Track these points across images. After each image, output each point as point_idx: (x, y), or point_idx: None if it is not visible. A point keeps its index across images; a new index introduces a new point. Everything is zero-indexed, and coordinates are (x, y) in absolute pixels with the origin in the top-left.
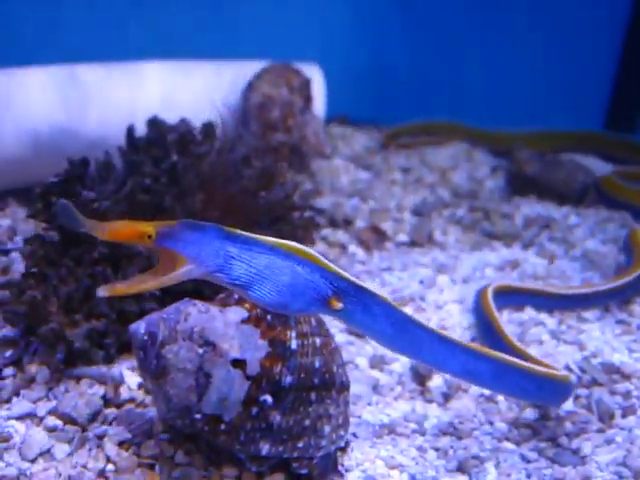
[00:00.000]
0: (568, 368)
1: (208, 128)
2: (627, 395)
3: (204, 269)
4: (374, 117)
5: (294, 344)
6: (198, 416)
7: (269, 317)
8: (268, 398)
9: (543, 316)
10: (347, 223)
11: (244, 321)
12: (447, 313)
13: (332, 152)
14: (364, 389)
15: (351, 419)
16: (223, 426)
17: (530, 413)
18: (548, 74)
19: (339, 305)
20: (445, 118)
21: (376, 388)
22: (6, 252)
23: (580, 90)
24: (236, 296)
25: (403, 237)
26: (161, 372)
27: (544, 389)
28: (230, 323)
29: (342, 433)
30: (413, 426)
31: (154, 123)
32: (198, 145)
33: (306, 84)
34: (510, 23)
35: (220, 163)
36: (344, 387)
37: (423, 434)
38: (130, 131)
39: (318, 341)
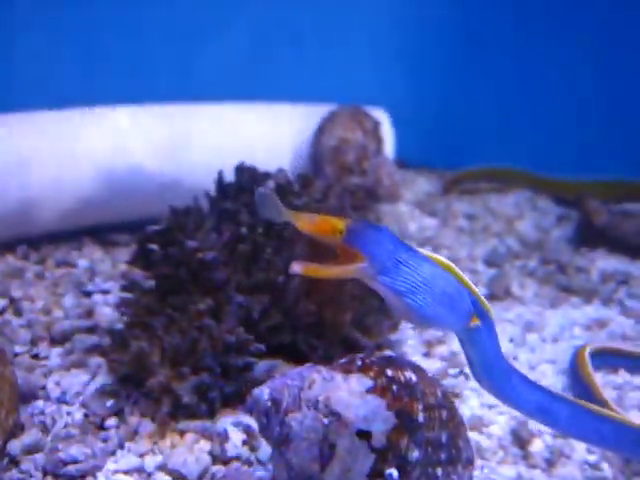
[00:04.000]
0: None
1: (306, 179)
2: None
3: (376, 269)
4: (431, 161)
5: (421, 417)
6: None
7: (395, 388)
8: (394, 472)
9: (638, 379)
10: None
11: (369, 391)
12: (541, 374)
13: (401, 198)
14: None
15: None
16: None
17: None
18: (615, 119)
19: (477, 323)
20: (508, 164)
21: (479, 451)
22: (88, 294)
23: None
24: (359, 362)
25: (482, 290)
26: (284, 440)
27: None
28: (355, 392)
29: None
30: None
31: (242, 169)
32: (297, 196)
33: (377, 127)
34: (569, 66)
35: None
36: (470, 462)
37: None
38: (220, 176)
39: (445, 414)
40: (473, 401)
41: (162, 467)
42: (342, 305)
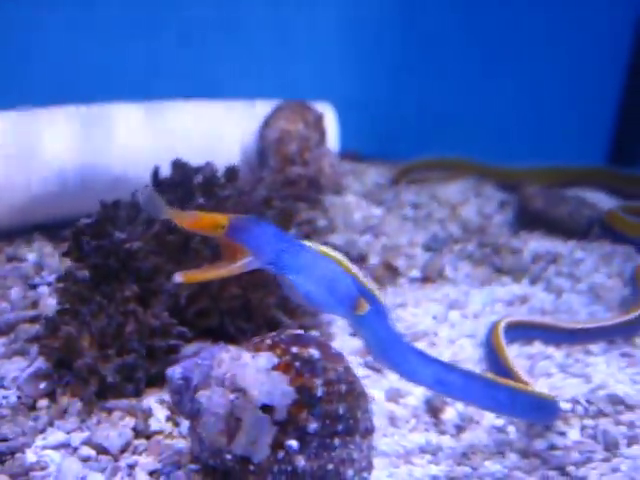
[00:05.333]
0: (575, 400)
1: (231, 171)
2: (631, 425)
3: (261, 261)
4: (384, 153)
5: (320, 391)
6: (229, 457)
7: (297, 364)
8: (294, 443)
9: (551, 350)
10: (361, 259)
11: (274, 368)
12: (459, 347)
13: (344, 188)
14: (381, 421)
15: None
16: (252, 467)
17: (540, 443)
18: (553, 109)
19: (365, 307)
20: (455, 154)
21: (392, 420)
22: (34, 286)
23: (584, 124)
24: (269, 341)
25: (415, 273)
26: (195, 415)
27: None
28: (261, 369)
29: (365, 475)
30: (428, 457)
31: (178, 165)
32: (222, 188)
33: (320, 119)
34: (515, 56)
35: (242, 204)
36: (368, 432)
37: (437, 464)
38: (156, 172)
39: (344, 388)
40: (393, 375)
41: (87, 442)
42: (267, 288)
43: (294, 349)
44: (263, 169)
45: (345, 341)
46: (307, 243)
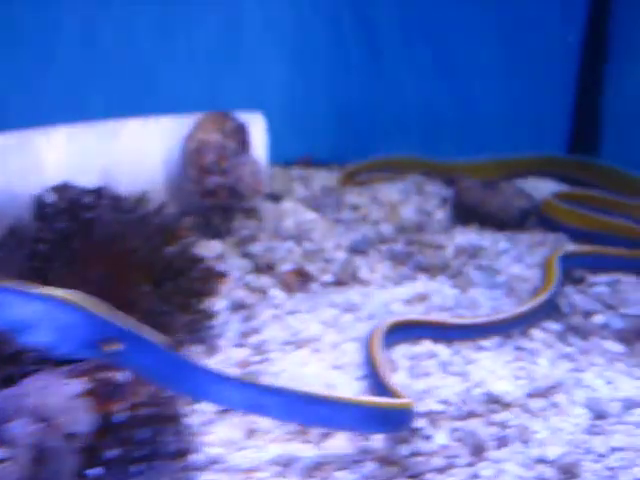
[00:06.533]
0: (447, 401)
1: (99, 192)
2: (503, 425)
3: None
4: (339, 157)
5: (123, 417)
6: None
7: (103, 390)
8: (97, 470)
9: (439, 348)
10: (270, 268)
11: (80, 395)
12: (342, 352)
13: (286, 195)
14: (237, 434)
15: (218, 465)
16: None
17: (404, 449)
18: (510, 101)
19: (113, 347)
20: (403, 153)
21: (251, 433)
22: None
23: (543, 115)
24: (81, 368)
25: (328, 277)
26: (8, 445)
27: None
28: (68, 397)
29: None
30: (276, 469)
31: (61, 189)
32: (87, 209)
33: (240, 129)
34: (464, 51)
35: (114, 224)
36: (181, 454)
37: (284, 477)
38: (39, 199)
39: (150, 412)
40: None
41: None
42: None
43: (102, 375)
44: (184, 181)
45: (228, 353)
46: (21, 287)
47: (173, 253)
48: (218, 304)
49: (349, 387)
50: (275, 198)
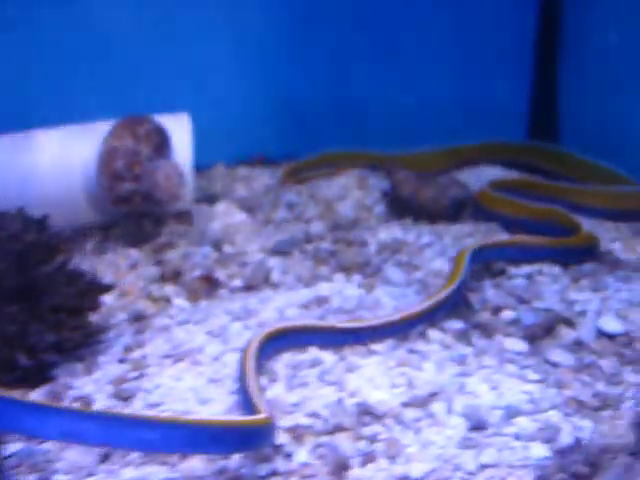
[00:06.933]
0: (315, 414)
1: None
2: (372, 439)
3: None
4: (292, 154)
5: None
6: None
7: None
8: None
9: (325, 354)
10: (176, 275)
11: None
12: (222, 364)
13: (223, 196)
14: (89, 459)
15: None
16: None
17: (262, 469)
18: (465, 88)
19: None
20: (346, 147)
21: (107, 457)
22: None
23: (499, 102)
24: None
25: (238, 282)
26: None
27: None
28: None
29: None
30: None
31: None
32: None
33: (154, 132)
34: (415, 36)
35: None
36: None
37: None
38: None
39: None
40: (137, 404)
41: None
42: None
43: None
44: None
45: (106, 370)
46: None
47: (47, 271)
48: (117, 317)
49: (223, 402)
50: (210, 200)
